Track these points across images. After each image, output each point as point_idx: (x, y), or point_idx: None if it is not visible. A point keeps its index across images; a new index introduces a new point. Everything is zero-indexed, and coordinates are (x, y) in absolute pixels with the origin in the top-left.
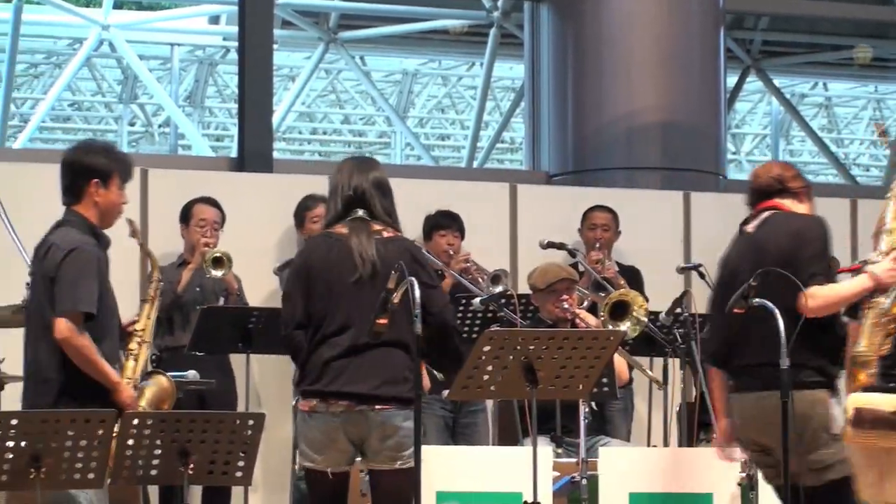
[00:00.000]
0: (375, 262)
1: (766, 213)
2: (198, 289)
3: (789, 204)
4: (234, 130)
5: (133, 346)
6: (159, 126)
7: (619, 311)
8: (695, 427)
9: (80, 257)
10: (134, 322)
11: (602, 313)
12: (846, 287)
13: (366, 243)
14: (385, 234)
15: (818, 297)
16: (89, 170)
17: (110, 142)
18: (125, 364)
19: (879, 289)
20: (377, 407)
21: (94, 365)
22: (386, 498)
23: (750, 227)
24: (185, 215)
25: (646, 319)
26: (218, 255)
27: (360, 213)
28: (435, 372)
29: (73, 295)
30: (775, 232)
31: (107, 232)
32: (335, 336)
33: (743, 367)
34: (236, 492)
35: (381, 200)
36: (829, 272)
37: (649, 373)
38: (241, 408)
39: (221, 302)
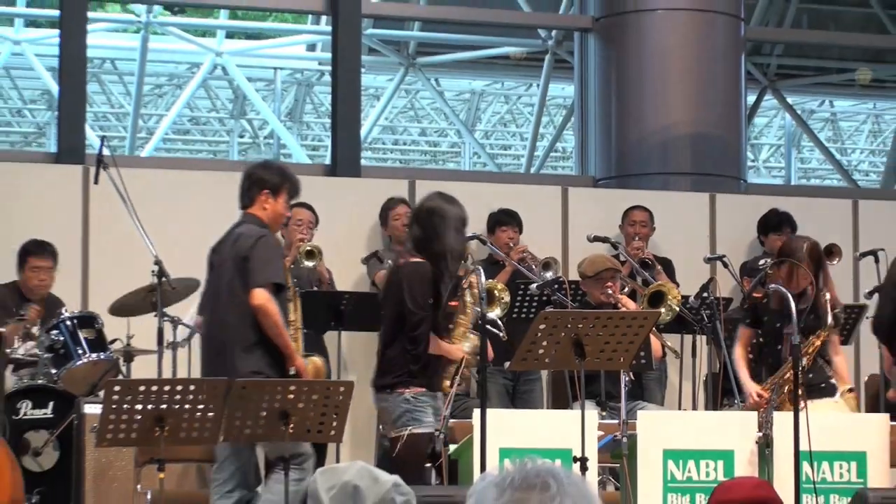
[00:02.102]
0: None
1: None
2: (295, 279)
3: None
4: (328, 141)
5: (290, 331)
6: (264, 138)
7: (657, 299)
8: (719, 394)
9: (269, 241)
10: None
11: (642, 300)
12: None
13: None
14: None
15: None
16: (263, 182)
17: (285, 163)
18: None
19: None
20: None
21: (279, 331)
22: None
23: None
24: None
25: (678, 308)
26: (310, 248)
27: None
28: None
29: (266, 270)
30: None
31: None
32: None
33: None
34: (329, 448)
35: None
36: None
37: (668, 344)
38: (333, 377)
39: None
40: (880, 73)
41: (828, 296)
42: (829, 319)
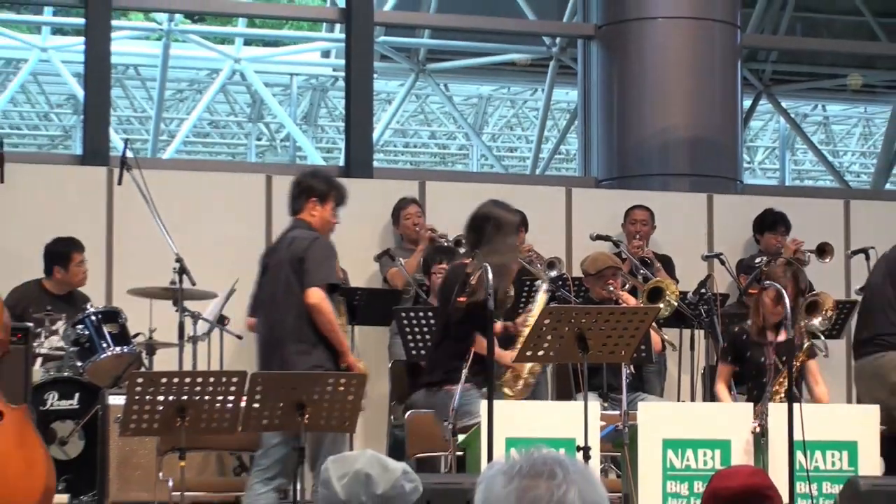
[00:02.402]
0: None
1: None
2: None
3: None
4: (342, 144)
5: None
6: (281, 141)
7: (656, 295)
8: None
9: (323, 242)
10: None
11: (642, 296)
12: None
13: None
14: None
15: None
16: (311, 190)
17: (332, 172)
18: None
19: None
20: None
21: (333, 328)
22: None
23: None
24: None
25: (676, 304)
26: None
27: None
28: None
29: (321, 270)
30: None
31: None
32: None
33: None
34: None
35: None
36: None
37: (667, 338)
38: None
39: None
40: (871, 78)
41: (804, 322)
42: (805, 343)
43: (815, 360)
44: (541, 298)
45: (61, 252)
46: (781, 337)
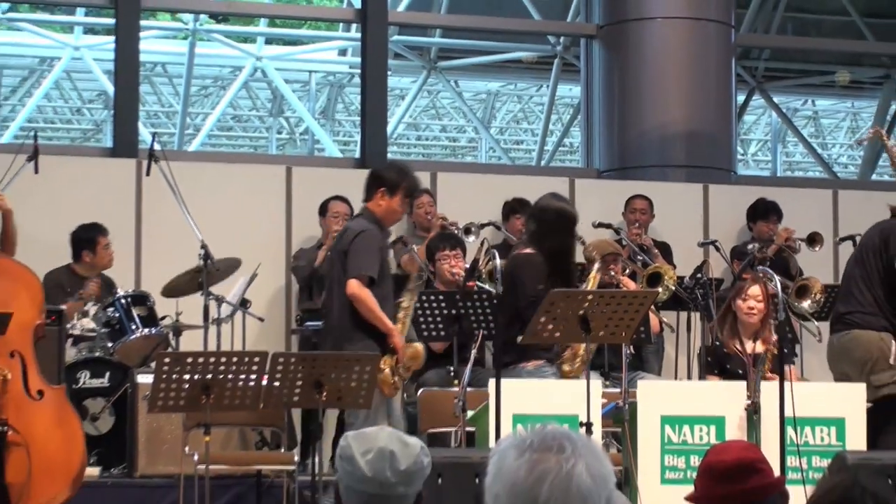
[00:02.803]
0: None
1: None
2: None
3: None
4: (357, 137)
5: (400, 314)
6: (300, 134)
7: (654, 279)
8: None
9: (367, 236)
10: (401, 301)
11: (641, 280)
12: None
13: None
14: None
15: None
16: (381, 180)
17: (409, 165)
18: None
19: None
20: None
21: (375, 314)
22: None
23: None
24: (323, 209)
25: (674, 287)
26: None
27: None
28: None
29: (359, 263)
30: None
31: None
32: None
33: None
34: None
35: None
36: None
37: (665, 320)
38: None
39: None
40: (858, 75)
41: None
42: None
43: (793, 366)
44: (593, 276)
45: (87, 237)
46: (760, 348)
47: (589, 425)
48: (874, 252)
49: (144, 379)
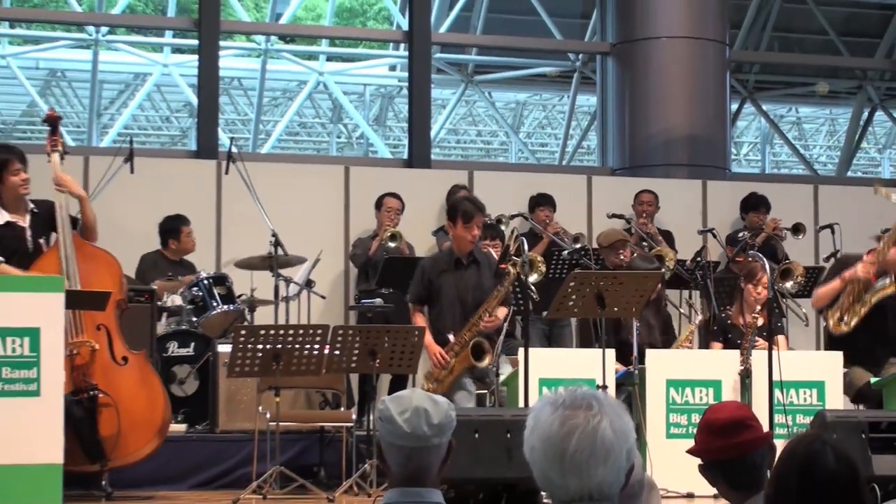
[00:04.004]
0: None
1: None
2: (384, 253)
3: None
4: (405, 141)
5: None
6: (356, 139)
7: (657, 261)
8: (708, 336)
9: (419, 267)
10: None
11: None
12: None
13: None
14: None
15: None
16: (448, 213)
17: (468, 197)
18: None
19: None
20: None
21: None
22: None
23: None
24: (378, 204)
25: (673, 268)
26: (392, 232)
27: None
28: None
29: (409, 288)
30: None
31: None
32: None
33: None
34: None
35: None
36: None
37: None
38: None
39: None
40: (835, 86)
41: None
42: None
43: (782, 336)
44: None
45: (172, 227)
46: (760, 321)
47: (604, 388)
48: None
49: (224, 348)
